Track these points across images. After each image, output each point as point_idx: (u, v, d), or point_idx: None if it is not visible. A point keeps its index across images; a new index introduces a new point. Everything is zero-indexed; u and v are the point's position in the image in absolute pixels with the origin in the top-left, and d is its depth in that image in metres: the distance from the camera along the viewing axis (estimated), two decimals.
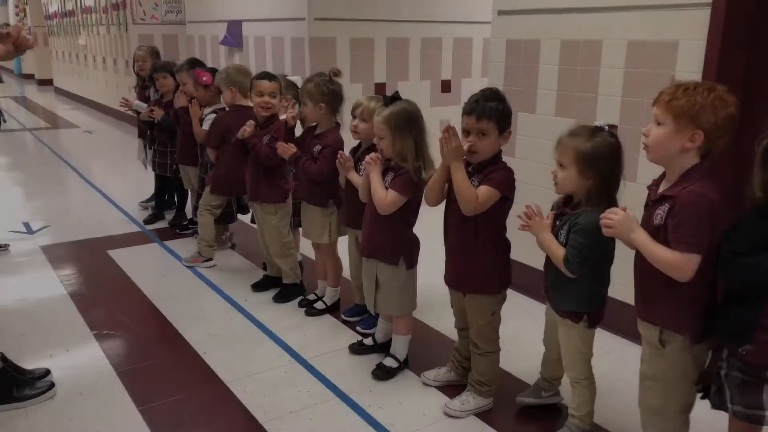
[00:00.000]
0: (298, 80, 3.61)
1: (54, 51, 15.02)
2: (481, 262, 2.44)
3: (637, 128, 3.01)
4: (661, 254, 1.83)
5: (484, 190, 2.33)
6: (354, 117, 3.03)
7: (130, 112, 5.28)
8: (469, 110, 2.33)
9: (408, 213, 2.73)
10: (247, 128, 3.43)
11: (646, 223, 1.94)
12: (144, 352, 3.08)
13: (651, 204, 1.95)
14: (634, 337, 2.99)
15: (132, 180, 6.37)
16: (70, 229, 4.98)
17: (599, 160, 2.07)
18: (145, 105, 5.06)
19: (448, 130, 2.29)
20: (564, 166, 2.15)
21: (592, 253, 2.10)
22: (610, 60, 3.12)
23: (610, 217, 1.92)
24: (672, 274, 1.82)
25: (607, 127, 2.12)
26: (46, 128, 10.33)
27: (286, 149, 3.23)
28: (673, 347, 1.93)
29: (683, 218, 1.79)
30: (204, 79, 4.19)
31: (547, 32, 3.42)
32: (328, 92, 3.17)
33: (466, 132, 2.35)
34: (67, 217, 5.36)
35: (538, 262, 2.44)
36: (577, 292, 2.20)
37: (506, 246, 2.49)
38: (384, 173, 2.68)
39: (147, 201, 5.51)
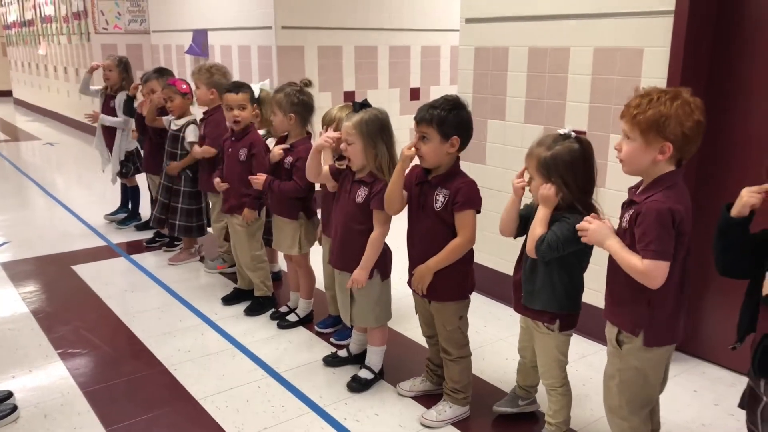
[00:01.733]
0: (266, 84, 3.56)
1: (13, 61, 14.65)
2: (449, 272, 2.43)
3: (605, 134, 3.06)
4: (631, 262, 1.85)
5: (466, 220, 2.35)
6: (326, 128, 3.00)
7: (95, 125, 5.17)
8: (415, 115, 2.38)
9: None
10: (258, 180, 3.23)
11: (618, 225, 1.98)
12: (111, 371, 2.99)
13: (624, 206, 1.99)
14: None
15: (97, 192, 6.23)
16: (33, 244, 4.84)
17: (558, 168, 2.08)
18: (111, 118, 4.95)
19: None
20: (532, 176, 2.17)
21: (565, 247, 2.09)
22: (577, 67, 3.16)
23: (585, 226, 1.96)
24: (643, 282, 1.85)
25: (573, 134, 2.13)
26: (4, 141, 10.05)
27: (258, 180, 3.20)
28: (628, 348, 1.97)
29: (646, 227, 1.82)
30: (183, 87, 4.12)
31: (515, 40, 3.44)
32: (299, 102, 3.14)
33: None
34: (29, 232, 5.20)
35: (509, 268, 2.44)
36: (550, 292, 2.20)
37: (471, 252, 2.49)
38: (354, 187, 2.65)
39: (113, 214, 5.38)
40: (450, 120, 2.30)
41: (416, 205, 2.45)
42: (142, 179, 5.03)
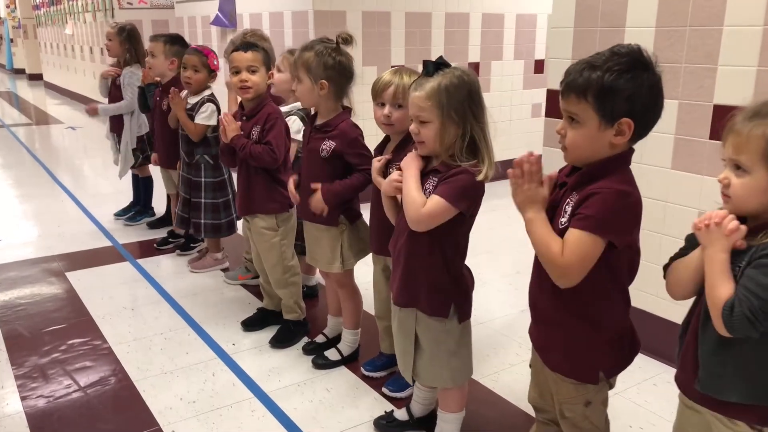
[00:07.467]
0: None
1: (42, 43, 14.16)
2: (570, 337, 1.55)
3: None
4: None
5: (577, 245, 1.42)
6: (381, 104, 2.13)
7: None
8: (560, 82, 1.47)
9: (461, 237, 1.85)
10: (229, 126, 2.58)
11: None
12: (83, 429, 2.20)
13: None
14: None
15: (112, 184, 5.48)
16: (28, 244, 4.12)
17: None
18: (113, 106, 4.19)
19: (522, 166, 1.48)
20: (744, 168, 1.26)
21: None
22: (738, 15, 2.22)
23: None
24: None
25: None
26: (26, 124, 9.46)
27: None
28: None
29: None
30: (215, 63, 3.33)
31: None
32: (334, 65, 2.28)
33: None
34: (28, 228, 4.50)
35: (673, 313, 1.54)
36: (754, 378, 1.30)
37: (613, 319, 1.56)
38: (425, 181, 1.79)
39: (123, 212, 4.61)
40: (621, 89, 1.37)
41: (548, 216, 1.57)
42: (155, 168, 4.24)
